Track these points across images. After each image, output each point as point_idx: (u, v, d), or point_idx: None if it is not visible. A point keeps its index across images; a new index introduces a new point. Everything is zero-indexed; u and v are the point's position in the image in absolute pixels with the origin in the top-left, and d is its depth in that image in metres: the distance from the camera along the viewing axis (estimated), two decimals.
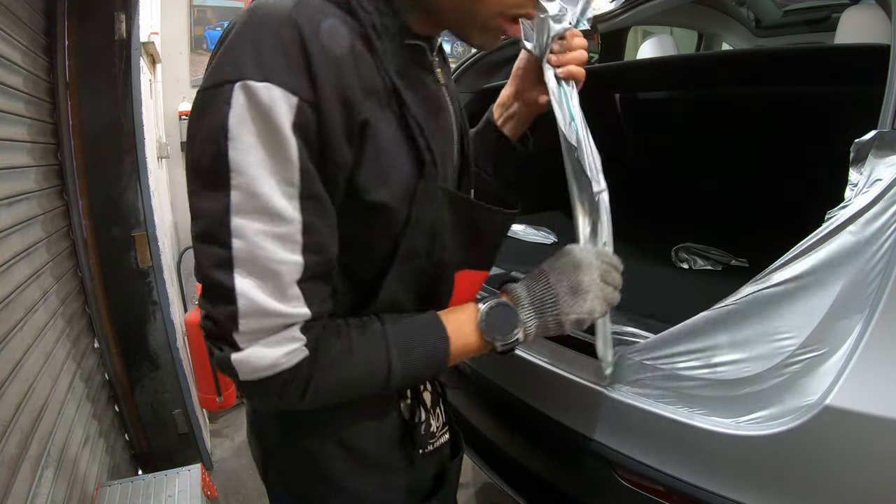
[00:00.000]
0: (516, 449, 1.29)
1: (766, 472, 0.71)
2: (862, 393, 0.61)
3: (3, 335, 1.13)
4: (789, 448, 0.67)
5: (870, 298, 0.62)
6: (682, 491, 0.80)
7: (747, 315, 0.71)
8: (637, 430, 0.85)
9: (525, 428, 1.10)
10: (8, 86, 1.32)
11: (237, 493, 2.01)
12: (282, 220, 0.49)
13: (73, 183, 1.69)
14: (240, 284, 0.49)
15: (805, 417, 0.65)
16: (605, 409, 0.89)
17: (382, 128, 0.55)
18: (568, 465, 1.06)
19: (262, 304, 0.50)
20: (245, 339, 0.50)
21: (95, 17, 1.68)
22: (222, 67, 0.50)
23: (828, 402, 0.63)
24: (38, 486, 1.14)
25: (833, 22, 1.62)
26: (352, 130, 0.52)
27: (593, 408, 0.91)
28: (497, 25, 0.62)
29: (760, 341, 0.69)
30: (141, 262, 1.83)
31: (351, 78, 0.51)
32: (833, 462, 0.66)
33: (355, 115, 0.52)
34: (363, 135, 0.53)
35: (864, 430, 0.62)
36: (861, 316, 0.63)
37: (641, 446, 0.85)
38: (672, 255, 1.40)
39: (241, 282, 0.49)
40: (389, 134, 0.56)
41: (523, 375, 1.04)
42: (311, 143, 0.50)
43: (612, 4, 1.52)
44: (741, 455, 0.72)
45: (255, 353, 0.51)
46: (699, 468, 0.78)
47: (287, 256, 0.50)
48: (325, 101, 0.49)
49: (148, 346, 1.90)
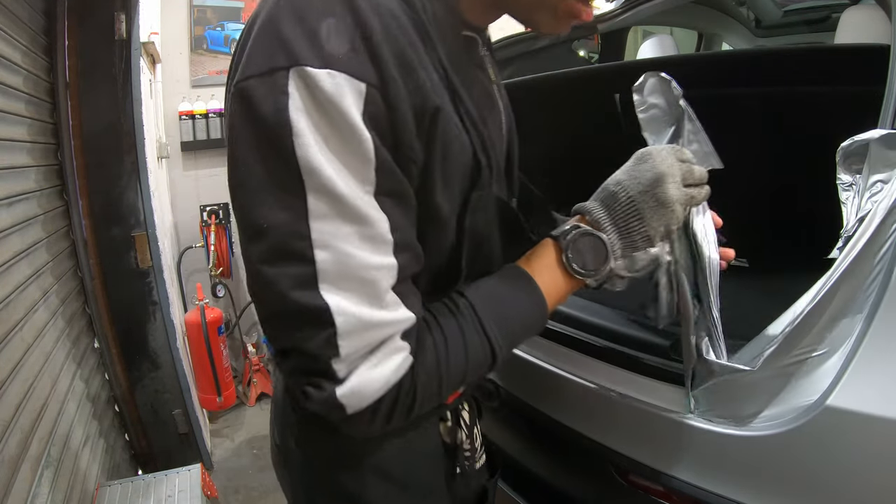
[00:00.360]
0: (516, 448, 1.29)
1: (766, 472, 0.71)
2: (862, 393, 0.61)
3: (3, 335, 1.13)
4: (789, 448, 0.67)
5: (870, 298, 0.62)
6: (682, 491, 0.80)
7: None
8: (637, 430, 0.85)
9: (525, 428, 1.09)
10: (8, 86, 1.32)
11: (237, 493, 2.01)
12: (368, 221, 0.42)
13: (73, 183, 1.69)
14: (333, 301, 0.42)
15: (805, 418, 0.65)
16: (606, 409, 0.89)
17: (447, 122, 0.48)
18: (568, 465, 1.06)
19: (364, 317, 0.42)
20: (346, 365, 0.43)
21: (95, 17, 1.68)
22: (270, 51, 0.42)
23: (828, 403, 0.63)
24: (38, 486, 1.14)
25: (833, 22, 1.62)
26: (423, 119, 0.46)
27: (593, 408, 0.91)
28: (569, 9, 0.55)
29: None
30: (141, 262, 1.83)
31: (417, 61, 0.45)
32: (833, 462, 0.65)
33: (427, 102, 0.46)
34: (434, 124, 0.47)
35: (865, 431, 0.62)
36: (861, 316, 0.63)
37: (642, 446, 0.85)
38: None
39: (333, 298, 0.42)
40: (451, 131, 0.49)
41: (524, 375, 1.04)
42: (384, 134, 0.43)
43: (612, 4, 1.52)
44: (741, 455, 0.72)
45: (362, 379, 0.43)
46: (699, 468, 0.78)
47: (381, 260, 0.43)
48: (394, 86, 0.43)
49: (148, 346, 1.90)
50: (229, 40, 3.13)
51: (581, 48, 2.04)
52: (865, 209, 0.64)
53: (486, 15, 0.59)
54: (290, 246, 0.42)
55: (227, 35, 3.12)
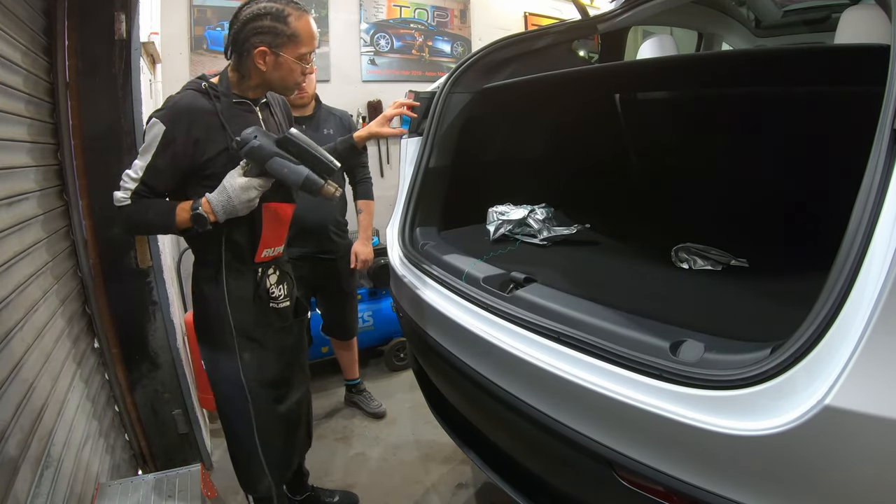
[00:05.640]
0: (516, 449, 1.29)
1: (766, 472, 0.71)
2: (862, 393, 0.61)
3: (3, 335, 1.13)
4: (789, 448, 0.67)
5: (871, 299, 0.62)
6: (682, 491, 0.80)
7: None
8: (637, 430, 0.85)
9: (525, 428, 1.09)
10: (8, 86, 1.32)
11: (237, 493, 2.01)
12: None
13: (73, 183, 1.69)
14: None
15: (805, 417, 0.65)
16: (606, 408, 0.89)
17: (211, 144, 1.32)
18: (568, 465, 1.06)
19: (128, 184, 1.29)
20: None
21: (95, 17, 1.68)
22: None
23: (828, 402, 0.63)
24: (38, 486, 1.14)
25: (833, 22, 1.62)
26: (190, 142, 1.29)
27: (594, 408, 0.91)
28: (299, 85, 1.41)
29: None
30: (141, 262, 1.83)
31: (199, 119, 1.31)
32: (833, 462, 0.65)
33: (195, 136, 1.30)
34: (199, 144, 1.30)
35: (864, 430, 0.62)
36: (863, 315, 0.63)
37: (641, 446, 0.85)
38: (672, 255, 1.40)
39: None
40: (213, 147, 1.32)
41: (524, 376, 1.04)
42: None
43: (612, 4, 1.51)
44: (741, 455, 0.72)
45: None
46: (699, 468, 0.78)
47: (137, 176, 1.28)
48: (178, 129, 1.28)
49: (148, 346, 1.90)
50: None
51: (581, 48, 2.04)
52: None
53: (255, 92, 1.39)
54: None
55: (226, 35, 3.12)
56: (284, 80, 1.33)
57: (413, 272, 1.45)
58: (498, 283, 1.22)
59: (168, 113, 1.26)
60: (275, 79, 1.33)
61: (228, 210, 1.27)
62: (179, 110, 1.27)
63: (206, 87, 1.31)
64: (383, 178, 3.61)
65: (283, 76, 1.32)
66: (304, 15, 1.30)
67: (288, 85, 1.36)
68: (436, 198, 1.70)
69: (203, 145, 1.28)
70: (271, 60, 1.29)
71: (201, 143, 1.28)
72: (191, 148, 1.27)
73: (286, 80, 1.33)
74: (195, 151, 1.28)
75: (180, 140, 1.25)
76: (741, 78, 1.45)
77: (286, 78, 1.33)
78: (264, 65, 1.29)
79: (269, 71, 1.30)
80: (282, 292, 1.48)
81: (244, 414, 1.41)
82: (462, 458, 2.16)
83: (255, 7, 1.27)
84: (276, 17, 1.26)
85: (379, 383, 2.86)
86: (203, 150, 1.28)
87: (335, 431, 2.46)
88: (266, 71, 1.30)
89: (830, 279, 0.67)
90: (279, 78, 1.32)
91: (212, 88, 1.31)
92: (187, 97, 1.29)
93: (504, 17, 4.15)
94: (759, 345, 0.79)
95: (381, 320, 2.98)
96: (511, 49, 1.79)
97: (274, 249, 1.45)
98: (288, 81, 1.34)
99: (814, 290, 0.70)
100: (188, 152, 1.27)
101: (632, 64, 1.95)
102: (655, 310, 1.04)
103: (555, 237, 1.60)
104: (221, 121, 1.30)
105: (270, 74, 1.31)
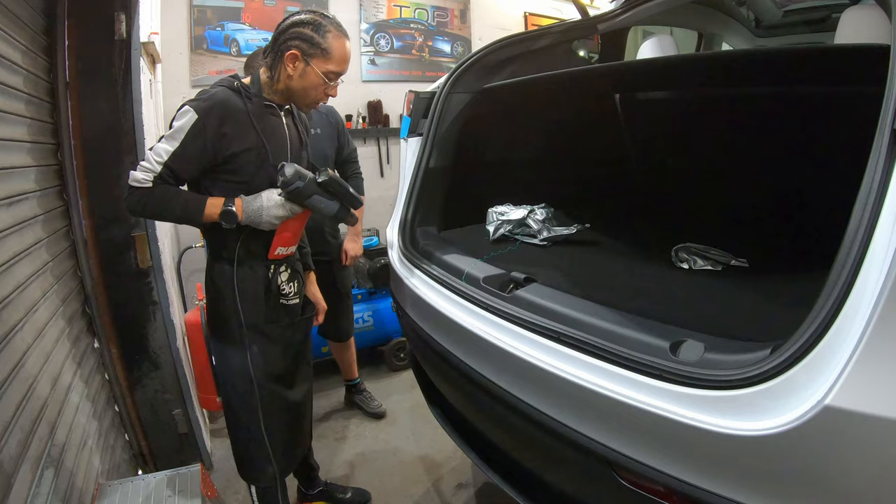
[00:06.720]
0: (516, 449, 1.29)
1: (766, 472, 0.71)
2: (862, 393, 0.61)
3: (4, 335, 1.13)
4: (789, 448, 0.67)
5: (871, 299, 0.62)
6: (681, 491, 0.80)
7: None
8: (637, 430, 0.85)
9: (525, 428, 1.09)
10: (8, 86, 1.32)
11: (237, 494, 2.01)
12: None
13: (73, 183, 1.69)
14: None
15: (805, 417, 0.65)
16: (606, 408, 0.89)
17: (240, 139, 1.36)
18: (568, 465, 1.06)
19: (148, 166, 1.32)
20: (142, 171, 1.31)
21: (95, 17, 1.68)
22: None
23: (828, 402, 0.63)
24: (38, 486, 1.14)
25: (833, 22, 1.62)
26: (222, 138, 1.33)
27: (594, 408, 0.91)
28: (321, 98, 1.43)
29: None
30: (141, 262, 1.83)
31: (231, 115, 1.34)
32: (833, 462, 0.65)
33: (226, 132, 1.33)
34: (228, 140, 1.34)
35: (864, 431, 0.62)
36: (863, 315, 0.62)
37: (642, 446, 0.85)
38: (672, 255, 1.40)
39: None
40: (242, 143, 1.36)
41: (524, 376, 1.04)
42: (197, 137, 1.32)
43: (612, 4, 1.52)
44: (741, 455, 0.72)
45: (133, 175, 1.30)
46: (699, 468, 0.78)
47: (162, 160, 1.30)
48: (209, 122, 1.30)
49: (148, 346, 1.90)
50: (229, 40, 3.13)
51: (581, 48, 2.04)
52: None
53: (280, 98, 1.41)
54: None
55: (227, 35, 3.12)
56: (306, 92, 1.37)
57: (413, 272, 1.45)
58: (498, 283, 1.22)
59: (203, 104, 1.28)
60: (298, 88, 1.36)
61: (254, 220, 1.34)
62: (214, 103, 1.29)
63: (238, 87, 1.35)
64: (383, 178, 3.62)
65: (305, 87, 1.36)
66: (343, 38, 1.35)
67: (308, 98, 1.39)
68: (436, 198, 1.70)
69: (229, 140, 1.31)
70: (300, 67, 1.33)
71: (227, 139, 1.31)
72: (218, 142, 1.30)
73: (308, 92, 1.37)
74: (221, 146, 1.31)
75: (210, 132, 1.28)
76: (741, 78, 1.45)
77: (308, 90, 1.36)
78: (293, 69, 1.33)
79: (296, 78, 1.34)
80: (292, 289, 1.52)
81: (251, 404, 1.44)
82: (462, 458, 2.16)
83: (301, 16, 1.34)
84: (316, 28, 1.32)
85: (379, 383, 2.86)
86: (228, 146, 1.31)
87: (335, 431, 2.46)
88: (293, 77, 1.34)
89: (830, 279, 0.67)
90: (302, 88, 1.36)
91: (243, 88, 1.35)
92: (222, 93, 1.32)
93: (504, 17, 4.15)
94: (759, 345, 0.79)
95: (381, 320, 2.98)
96: (511, 49, 1.79)
97: (288, 248, 1.48)
98: (309, 94, 1.37)
99: (814, 290, 0.70)
100: (215, 145, 1.30)
101: (632, 64, 1.95)
102: (655, 310, 1.04)
103: (554, 237, 1.60)
104: (252, 120, 1.34)
105: (295, 82, 1.35)
